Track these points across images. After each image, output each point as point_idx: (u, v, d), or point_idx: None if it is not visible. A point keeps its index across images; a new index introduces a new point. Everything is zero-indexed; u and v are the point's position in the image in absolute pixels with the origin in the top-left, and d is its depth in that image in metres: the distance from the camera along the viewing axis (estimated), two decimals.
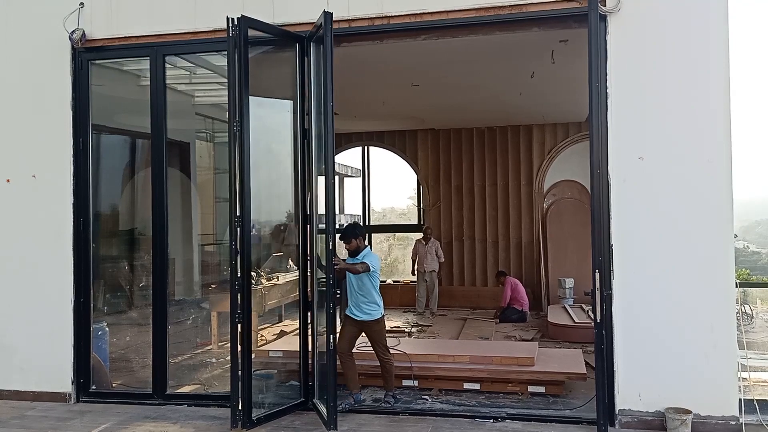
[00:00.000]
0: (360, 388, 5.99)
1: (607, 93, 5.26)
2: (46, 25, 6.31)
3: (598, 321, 5.03)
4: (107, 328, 6.86)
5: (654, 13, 5.23)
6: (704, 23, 5.16)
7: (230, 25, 5.32)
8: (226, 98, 5.44)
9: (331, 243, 5.22)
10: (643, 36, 5.25)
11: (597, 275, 5.04)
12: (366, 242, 6.07)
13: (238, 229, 5.31)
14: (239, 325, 5.33)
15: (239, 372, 5.31)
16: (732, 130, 5.09)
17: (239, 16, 5.34)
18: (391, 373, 6.07)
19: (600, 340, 5.04)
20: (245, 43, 5.34)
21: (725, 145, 5.09)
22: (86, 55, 6.31)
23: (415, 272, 12.19)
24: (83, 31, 6.21)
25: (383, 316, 6.07)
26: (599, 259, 5.08)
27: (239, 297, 5.31)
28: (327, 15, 5.30)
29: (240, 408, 5.28)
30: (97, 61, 6.44)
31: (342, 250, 6.03)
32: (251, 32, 5.45)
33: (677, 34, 5.21)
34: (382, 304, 6.05)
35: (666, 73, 5.21)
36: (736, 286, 5.42)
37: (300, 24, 5.84)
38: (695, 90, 5.16)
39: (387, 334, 9.15)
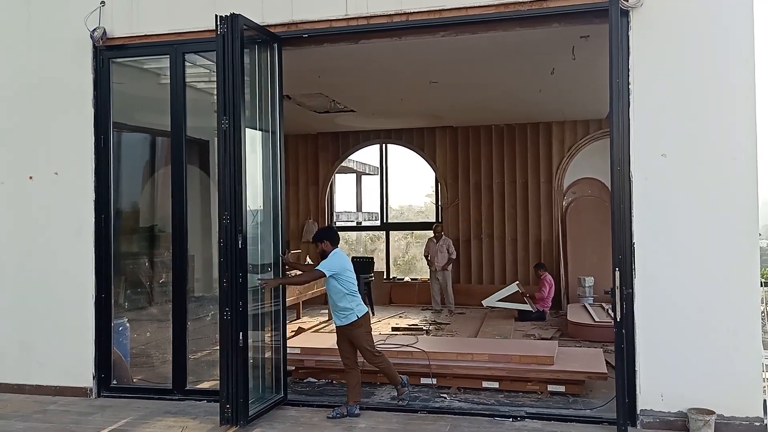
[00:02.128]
0: (358, 401, 5.69)
1: (629, 89, 5.19)
2: (68, 23, 6.37)
3: (619, 320, 4.98)
4: (128, 324, 6.92)
5: (677, 8, 5.16)
6: (728, 18, 5.07)
7: (218, 23, 5.36)
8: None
9: (240, 242, 5.30)
10: (666, 31, 5.17)
11: (617, 273, 4.99)
12: (334, 246, 5.75)
13: (227, 225, 5.32)
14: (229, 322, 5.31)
15: (227, 370, 5.29)
16: (757, 127, 5.00)
17: (228, 14, 5.36)
18: (389, 373, 5.83)
19: (620, 340, 5.00)
20: (233, 41, 5.35)
21: (750, 142, 5.00)
22: (107, 53, 6.37)
23: (429, 272, 12.13)
24: (104, 30, 6.26)
25: (360, 318, 5.66)
26: (619, 257, 5.03)
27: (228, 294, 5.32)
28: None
29: (228, 405, 5.28)
30: (118, 60, 6.50)
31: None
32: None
33: (701, 29, 5.13)
34: (357, 306, 5.67)
35: (689, 69, 5.13)
36: (761, 286, 5.33)
37: (320, 21, 5.85)
38: (719, 86, 5.07)
39: (405, 332, 9.21)
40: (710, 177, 5.08)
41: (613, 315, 5.11)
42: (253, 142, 5.77)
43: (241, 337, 5.30)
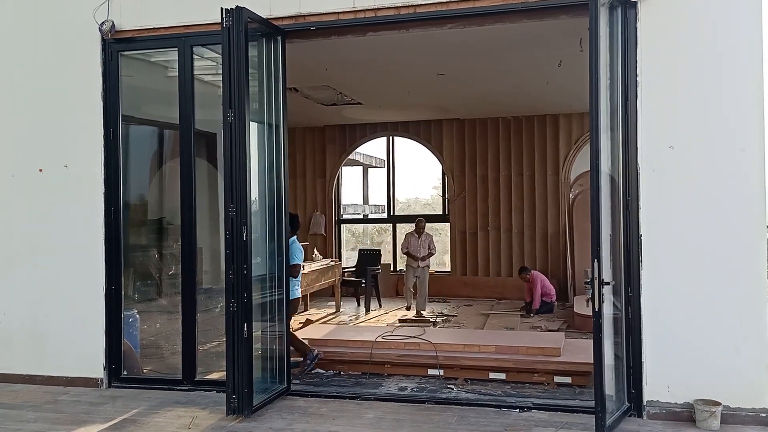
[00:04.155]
0: (309, 351, 6.80)
1: (637, 81, 5.19)
2: (76, 16, 6.40)
3: (596, 311, 4.75)
4: (138, 315, 6.98)
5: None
6: (737, 9, 5.05)
7: (223, 15, 5.37)
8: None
9: (245, 235, 5.35)
10: (674, 22, 5.15)
11: (596, 264, 4.76)
12: (293, 233, 6.71)
13: (232, 218, 5.35)
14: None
15: (233, 361, 5.33)
16: (765, 119, 4.99)
17: (233, 7, 5.37)
18: (296, 345, 6.75)
19: (598, 330, 4.75)
20: (238, 34, 5.36)
21: (758, 133, 4.99)
22: (116, 46, 6.39)
23: (405, 265, 11.42)
24: (112, 23, 6.28)
25: (297, 299, 6.95)
26: (597, 248, 4.78)
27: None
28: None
29: (234, 396, 5.32)
30: (126, 53, 6.51)
31: None
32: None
33: (709, 20, 5.11)
34: (294, 288, 6.70)
35: (697, 61, 5.11)
36: None
37: (328, 13, 5.85)
38: (728, 78, 5.05)
39: (412, 323, 9.28)
40: (718, 168, 5.07)
41: (593, 306, 4.82)
42: (257, 134, 5.80)
43: (246, 329, 5.34)
